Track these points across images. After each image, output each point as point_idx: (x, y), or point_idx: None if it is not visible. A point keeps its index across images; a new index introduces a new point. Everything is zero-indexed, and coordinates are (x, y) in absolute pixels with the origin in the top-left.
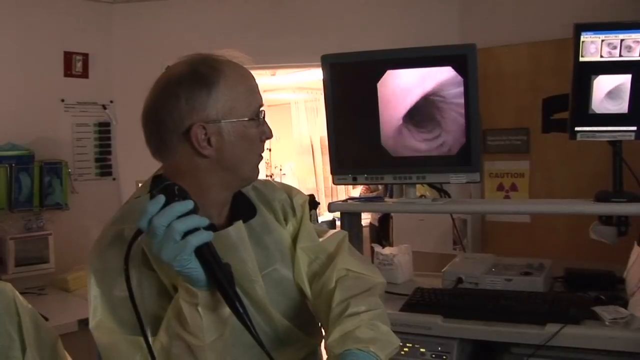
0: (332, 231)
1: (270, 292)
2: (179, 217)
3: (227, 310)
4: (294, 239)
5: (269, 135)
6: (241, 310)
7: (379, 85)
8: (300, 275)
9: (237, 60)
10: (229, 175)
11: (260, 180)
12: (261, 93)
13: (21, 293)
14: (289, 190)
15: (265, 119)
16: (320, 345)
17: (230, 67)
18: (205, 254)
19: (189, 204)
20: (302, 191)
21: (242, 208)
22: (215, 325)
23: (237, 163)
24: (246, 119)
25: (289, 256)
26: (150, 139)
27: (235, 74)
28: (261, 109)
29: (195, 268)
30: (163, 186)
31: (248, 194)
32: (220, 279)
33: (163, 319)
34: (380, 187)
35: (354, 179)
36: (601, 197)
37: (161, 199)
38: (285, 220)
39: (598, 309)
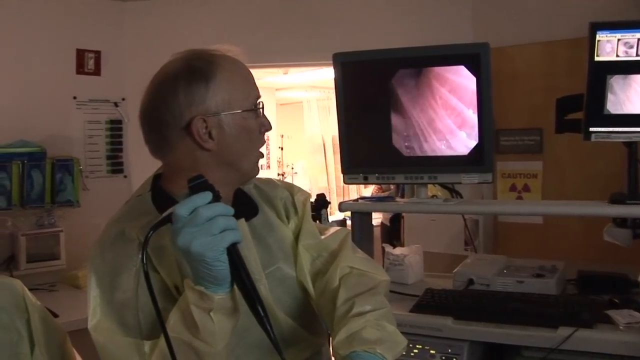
0: (335, 229)
1: (274, 291)
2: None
3: (238, 315)
4: (296, 237)
5: (267, 127)
6: (262, 313)
7: (391, 84)
8: (303, 273)
9: (231, 54)
10: (230, 169)
11: (261, 179)
12: (274, 91)
13: (32, 289)
14: (290, 188)
15: (264, 112)
16: (324, 344)
17: (226, 60)
18: (232, 253)
19: (230, 210)
20: (314, 190)
21: (244, 206)
22: (226, 331)
23: (238, 156)
24: (245, 110)
25: (292, 254)
26: (150, 137)
27: (232, 66)
28: (259, 100)
29: (224, 262)
30: (202, 181)
31: (250, 192)
32: (244, 279)
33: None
34: (392, 186)
35: (365, 178)
36: (616, 199)
37: (209, 195)
38: (287, 218)
39: (611, 313)
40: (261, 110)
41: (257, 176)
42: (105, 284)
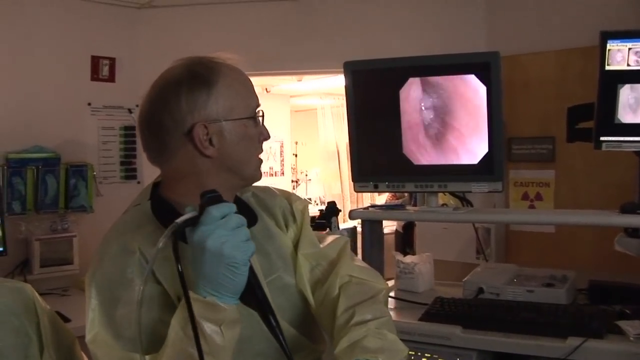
0: (333, 237)
1: (275, 299)
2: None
3: (240, 327)
4: (295, 246)
5: (266, 136)
6: (274, 324)
7: (401, 92)
8: (302, 282)
9: (231, 62)
10: (230, 176)
11: (259, 187)
12: (288, 98)
13: (45, 293)
14: (288, 197)
15: (263, 122)
16: (325, 352)
17: (227, 67)
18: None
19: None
20: (328, 197)
21: (243, 215)
22: (233, 343)
23: (238, 163)
24: (245, 118)
25: (291, 263)
26: (150, 143)
27: (233, 74)
28: (258, 108)
29: (247, 268)
30: (218, 195)
31: (248, 200)
32: (256, 289)
33: (162, 333)
34: (405, 194)
35: (375, 186)
36: (627, 209)
37: (234, 206)
38: (286, 226)
39: (622, 324)
40: (261, 119)
41: (255, 184)
42: (104, 296)
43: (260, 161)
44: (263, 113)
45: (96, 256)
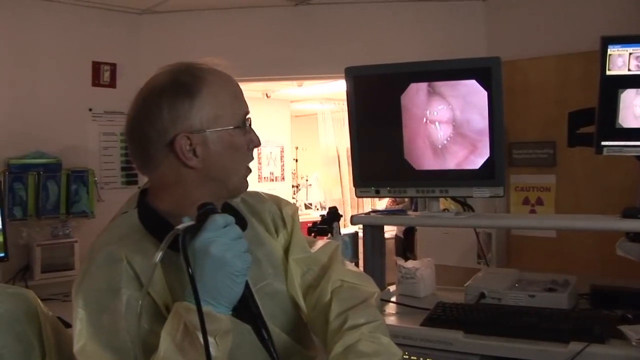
0: (323, 242)
1: (266, 306)
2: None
3: (232, 336)
4: (286, 251)
5: (256, 143)
6: (266, 337)
7: (403, 98)
8: (293, 287)
9: (219, 68)
10: (216, 186)
11: (248, 192)
12: (288, 104)
13: (46, 299)
14: (277, 202)
15: (252, 127)
16: (316, 357)
17: (213, 74)
18: None
19: None
20: (328, 202)
21: None
22: (226, 354)
23: (224, 174)
24: (232, 127)
25: (282, 269)
26: (135, 152)
27: (219, 81)
28: (247, 116)
29: (245, 278)
30: (215, 208)
31: (237, 206)
32: (250, 302)
33: (150, 343)
34: (406, 199)
35: (377, 191)
36: (628, 213)
37: (234, 218)
38: (276, 231)
39: (624, 328)
40: (249, 125)
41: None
42: (92, 306)
43: (249, 170)
44: (250, 120)
45: (85, 266)
